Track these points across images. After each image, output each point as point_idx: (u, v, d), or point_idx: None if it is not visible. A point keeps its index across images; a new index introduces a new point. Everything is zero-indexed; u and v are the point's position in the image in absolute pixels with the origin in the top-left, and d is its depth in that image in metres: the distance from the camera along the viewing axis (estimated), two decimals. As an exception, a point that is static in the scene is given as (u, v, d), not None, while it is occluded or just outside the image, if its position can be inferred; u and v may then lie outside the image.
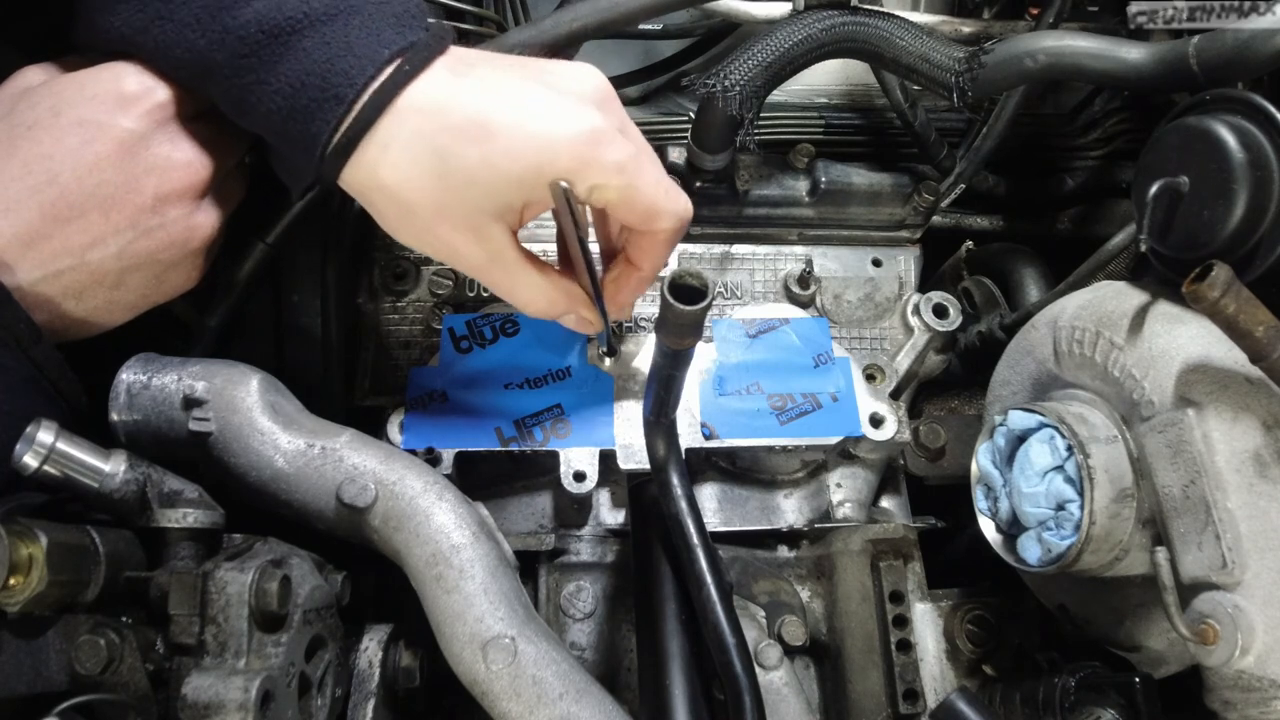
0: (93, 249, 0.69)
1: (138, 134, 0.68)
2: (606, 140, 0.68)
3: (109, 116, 0.67)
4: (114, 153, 0.67)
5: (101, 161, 0.66)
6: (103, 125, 0.67)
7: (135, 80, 0.68)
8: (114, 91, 0.67)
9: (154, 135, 0.69)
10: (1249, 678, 0.67)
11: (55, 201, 0.66)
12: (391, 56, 0.69)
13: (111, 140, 0.67)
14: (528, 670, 0.76)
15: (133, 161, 0.68)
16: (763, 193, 1.09)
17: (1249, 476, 0.71)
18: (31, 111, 0.66)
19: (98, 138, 0.66)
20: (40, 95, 0.67)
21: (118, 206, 0.68)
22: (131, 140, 0.68)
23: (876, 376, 1.05)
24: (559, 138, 0.67)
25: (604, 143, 0.68)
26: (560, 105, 0.68)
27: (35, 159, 0.65)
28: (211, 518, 0.75)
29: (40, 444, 0.63)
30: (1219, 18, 0.89)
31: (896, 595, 0.96)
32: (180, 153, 0.71)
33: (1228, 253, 0.75)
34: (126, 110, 0.67)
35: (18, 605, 0.60)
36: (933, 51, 0.93)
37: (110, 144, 0.67)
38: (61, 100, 0.66)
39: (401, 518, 0.82)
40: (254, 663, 0.70)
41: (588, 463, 0.94)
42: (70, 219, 0.67)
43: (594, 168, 0.68)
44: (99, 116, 0.66)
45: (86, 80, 0.68)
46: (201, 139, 0.73)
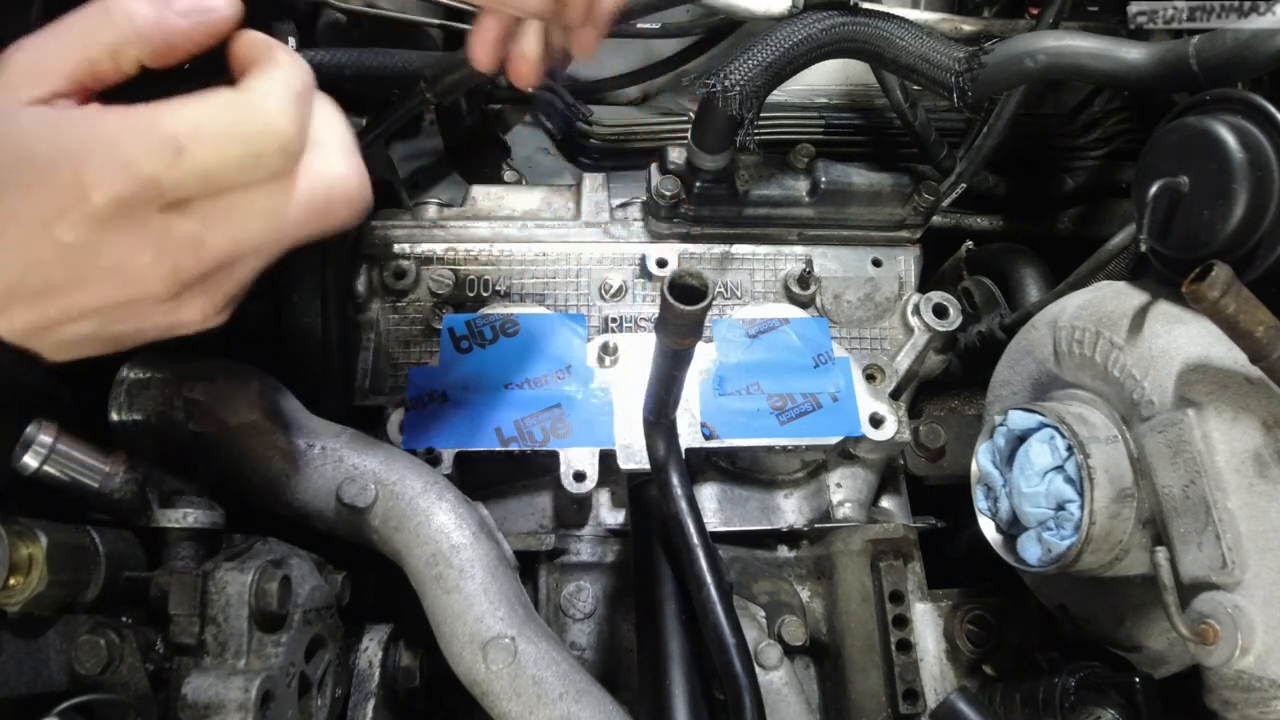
0: (58, 330, 0.60)
1: (76, 246, 0.56)
2: None
3: (47, 220, 0.55)
4: (56, 258, 0.56)
5: (45, 264, 0.56)
6: (43, 227, 0.55)
7: (65, 165, 0.54)
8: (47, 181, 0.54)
9: (102, 246, 0.56)
10: (1249, 678, 0.67)
11: (3, 289, 0.57)
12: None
13: (51, 247, 0.55)
14: (528, 670, 0.76)
15: (78, 268, 0.57)
16: (763, 193, 1.09)
17: (1249, 476, 0.71)
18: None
19: (36, 239, 0.55)
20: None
21: (72, 303, 0.59)
22: (72, 251, 0.56)
23: (876, 376, 1.05)
24: None
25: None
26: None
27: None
28: (211, 518, 0.75)
29: (40, 444, 0.63)
30: (1219, 18, 0.89)
31: (896, 595, 0.96)
32: (135, 260, 0.57)
33: (1228, 253, 0.75)
34: (64, 215, 0.55)
35: (18, 605, 0.60)
36: (933, 52, 0.93)
37: (51, 251, 0.56)
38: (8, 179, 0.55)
39: (401, 518, 0.82)
40: (254, 663, 0.70)
41: (588, 463, 0.94)
42: (23, 301, 0.58)
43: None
44: (36, 215, 0.55)
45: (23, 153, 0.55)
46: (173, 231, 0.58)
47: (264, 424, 0.84)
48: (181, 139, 0.53)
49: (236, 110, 0.55)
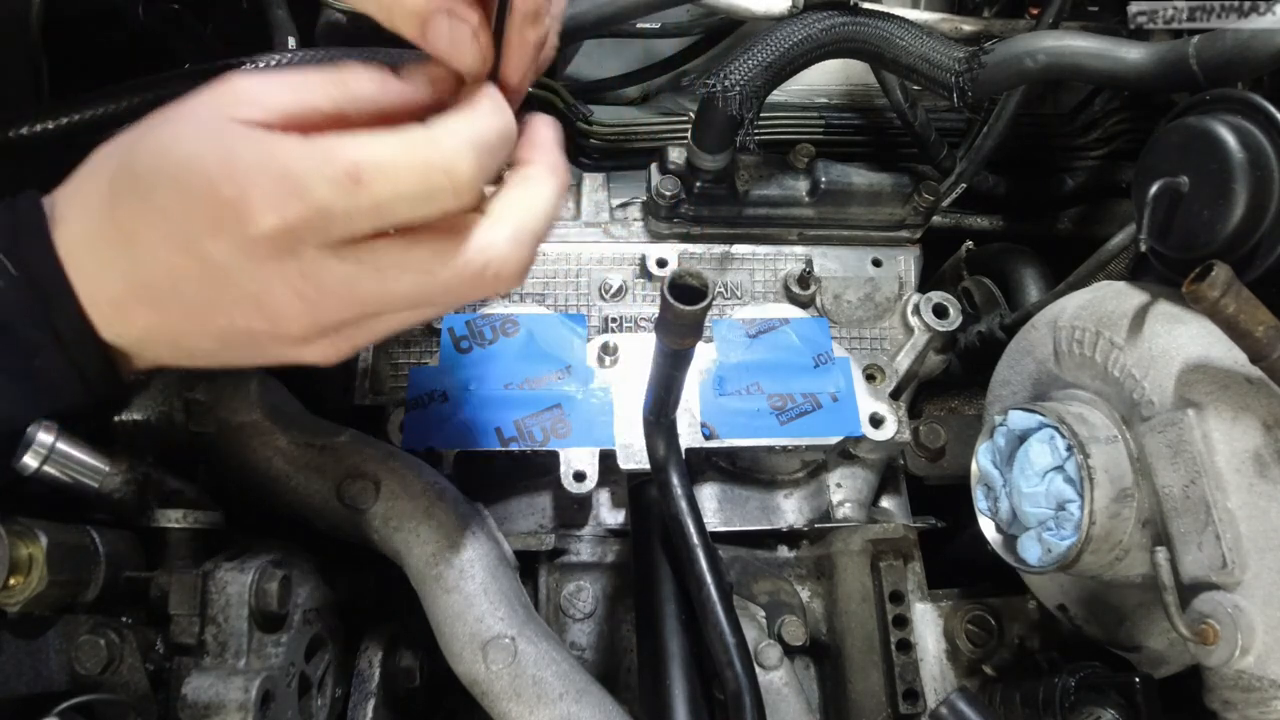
0: (175, 340, 0.60)
1: (222, 265, 0.55)
2: None
3: (198, 232, 0.54)
4: (196, 271, 0.55)
5: (183, 273, 0.56)
6: (190, 238, 0.54)
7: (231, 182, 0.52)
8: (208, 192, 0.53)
9: (247, 271, 0.55)
10: (1249, 678, 0.67)
11: (135, 286, 0.57)
12: None
13: (194, 259, 0.55)
14: (528, 670, 0.76)
15: (216, 287, 0.56)
16: (763, 193, 1.09)
17: (1249, 476, 0.71)
18: (143, 161, 0.55)
19: (181, 247, 0.55)
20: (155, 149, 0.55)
21: (199, 320, 0.58)
22: (216, 268, 0.55)
23: (876, 376, 1.05)
24: None
25: None
26: None
27: (122, 237, 0.56)
28: (211, 518, 0.75)
29: (40, 444, 0.63)
30: (1219, 18, 0.89)
31: (896, 595, 0.96)
32: (276, 292, 0.56)
33: (1228, 253, 0.75)
34: (219, 231, 0.53)
35: (18, 605, 0.60)
36: (933, 52, 0.94)
37: (193, 263, 0.55)
38: (163, 175, 0.54)
39: (401, 518, 0.82)
40: (254, 663, 0.70)
41: (588, 463, 0.94)
42: (151, 305, 0.58)
43: None
44: (188, 224, 0.54)
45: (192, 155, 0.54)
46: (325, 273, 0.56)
47: (264, 424, 0.84)
48: (361, 168, 0.52)
49: (416, 145, 0.53)
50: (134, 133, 0.57)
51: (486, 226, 0.57)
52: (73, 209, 0.58)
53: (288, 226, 0.52)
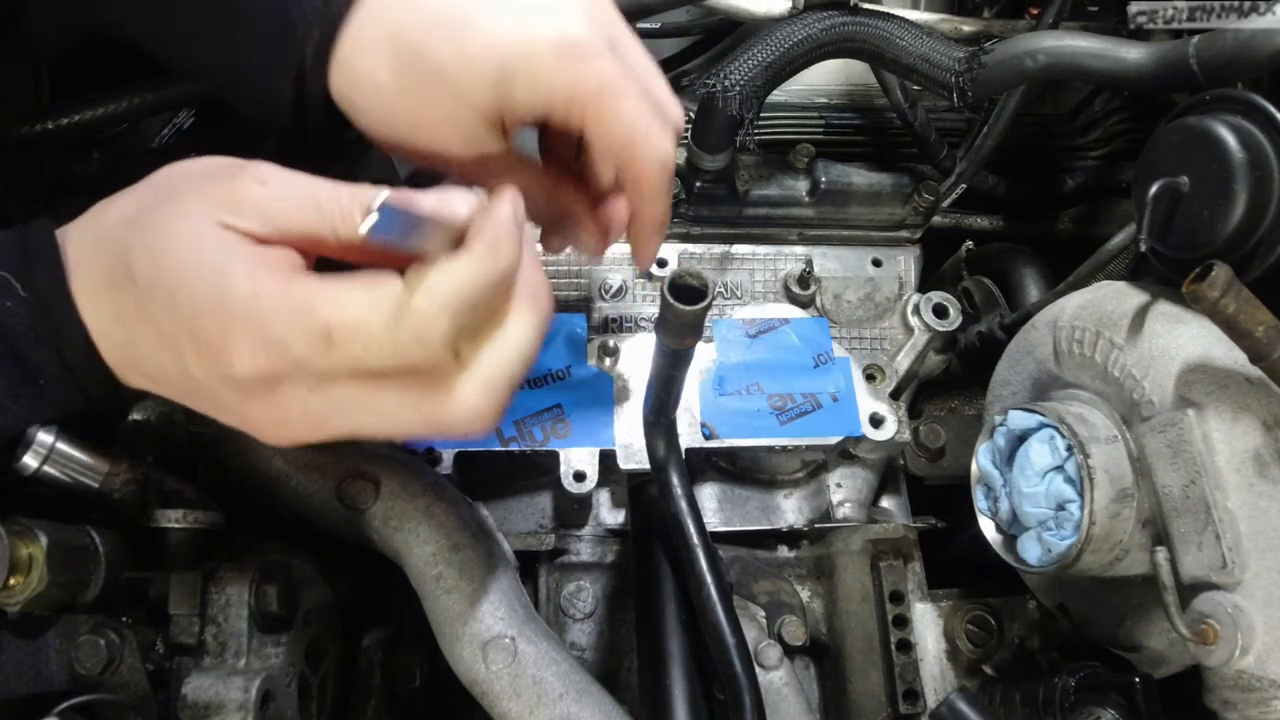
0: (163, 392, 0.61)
1: (202, 383, 0.57)
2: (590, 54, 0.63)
3: (182, 351, 0.56)
4: (180, 379, 0.57)
5: (169, 374, 0.58)
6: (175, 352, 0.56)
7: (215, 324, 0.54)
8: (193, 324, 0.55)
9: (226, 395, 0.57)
10: (1249, 678, 0.67)
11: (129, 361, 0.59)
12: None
13: (178, 371, 0.57)
14: (528, 670, 0.76)
15: (198, 394, 0.58)
16: (763, 193, 1.09)
17: (1249, 476, 0.71)
18: (141, 261, 0.56)
19: (167, 356, 0.57)
20: (153, 254, 0.56)
21: (187, 401, 0.60)
22: (196, 383, 0.57)
23: (876, 376, 1.05)
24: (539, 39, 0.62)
25: (587, 57, 0.63)
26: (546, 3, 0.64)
27: (117, 319, 0.58)
28: (211, 518, 0.75)
29: (40, 444, 0.63)
30: (1219, 18, 0.89)
31: (896, 595, 0.96)
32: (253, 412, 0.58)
33: (1228, 253, 0.75)
34: (201, 359, 0.56)
35: (18, 605, 0.60)
36: (933, 52, 0.93)
37: (177, 372, 0.57)
38: (156, 288, 0.55)
39: (401, 518, 0.82)
40: (254, 663, 0.70)
41: (588, 463, 0.94)
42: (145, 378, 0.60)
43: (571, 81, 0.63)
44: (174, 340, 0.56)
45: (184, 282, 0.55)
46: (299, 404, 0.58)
47: (264, 424, 0.84)
48: (333, 330, 0.53)
49: (391, 311, 0.53)
50: (135, 215, 0.58)
51: (460, 380, 0.58)
52: (83, 267, 0.59)
53: (263, 374, 0.54)
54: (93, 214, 0.60)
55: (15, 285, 0.57)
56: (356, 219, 0.55)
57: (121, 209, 0.59)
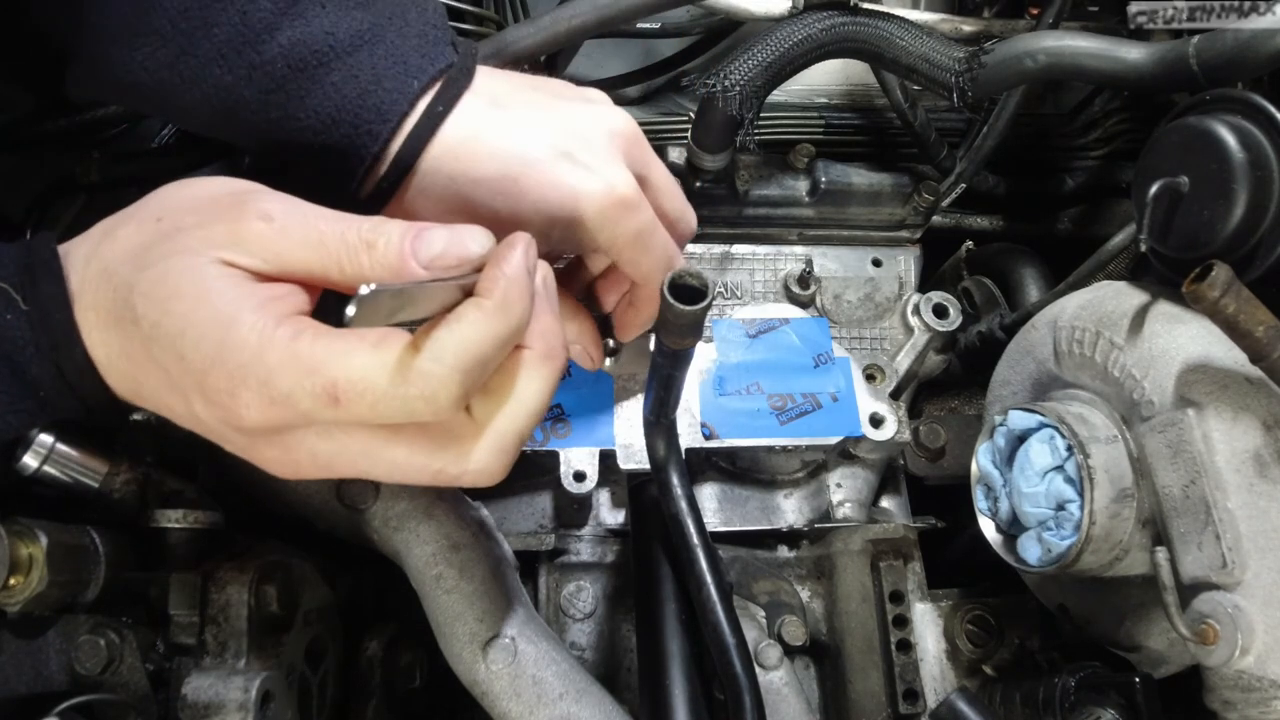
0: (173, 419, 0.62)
1: (210, 426, 0.58)
2: (629, 207, 0.68)
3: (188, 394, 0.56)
4: (187, 418, 0.58)
5: (176, 412, 0.59)
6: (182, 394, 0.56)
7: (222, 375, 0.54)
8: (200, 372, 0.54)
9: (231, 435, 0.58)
10: (1249, 678, 0.67)
11: (137, 394, 0.60)
12: (422, 89, 0.67)
13: (185, 411, 0.58)
14: (528, 670, 0.76)
15: (206, 432, 0.59)
16: (763, 193, 1.09)
17: (1249, 476, 0.71)
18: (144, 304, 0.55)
19: (174, 396, 0.57)
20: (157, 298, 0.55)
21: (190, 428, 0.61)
22: (204, 425, 0.58)
23: (876, 376, 1.05)
24: (585, 198, 0.66)
25: (627, 210, 0.68)
26: (592, 161, 0.67)
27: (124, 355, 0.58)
28: (211, 518, 0.75)
29: (40, 444, 0.63)
30: (1219, 18, 0.89)
31: (896, 595, 0.96)
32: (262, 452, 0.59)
33: (1228, 253, 0.75)
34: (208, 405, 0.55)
35: (18, 605, 0.60)
36: (933, 52, 0.93)
37: (184, 412, 0.58)
38: (160, 330, 0.55)
39: (401, 518, 0.82)
40: (254, 663, 0.70)
41: (588, 463, 0.94)
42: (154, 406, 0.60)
43: (611, 235, 0.68)
44: (180, 383, 0.56)
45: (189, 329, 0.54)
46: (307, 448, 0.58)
47: (264, 424, 0.84)
48: (339, 390, 0.52)
49: (401, 374, 0.53)
50: (137, 250, 0.57)
51: (466, 436, 0.58)
52: (86, 295, 0.58)
53: (268, 423, 0.54)
54: (95, 239, 0.60)
55: (16, 298, 0.57)
56: (363, 260, 0.55)
57: (124, 242, 0.58)
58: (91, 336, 0.58)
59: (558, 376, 0.62)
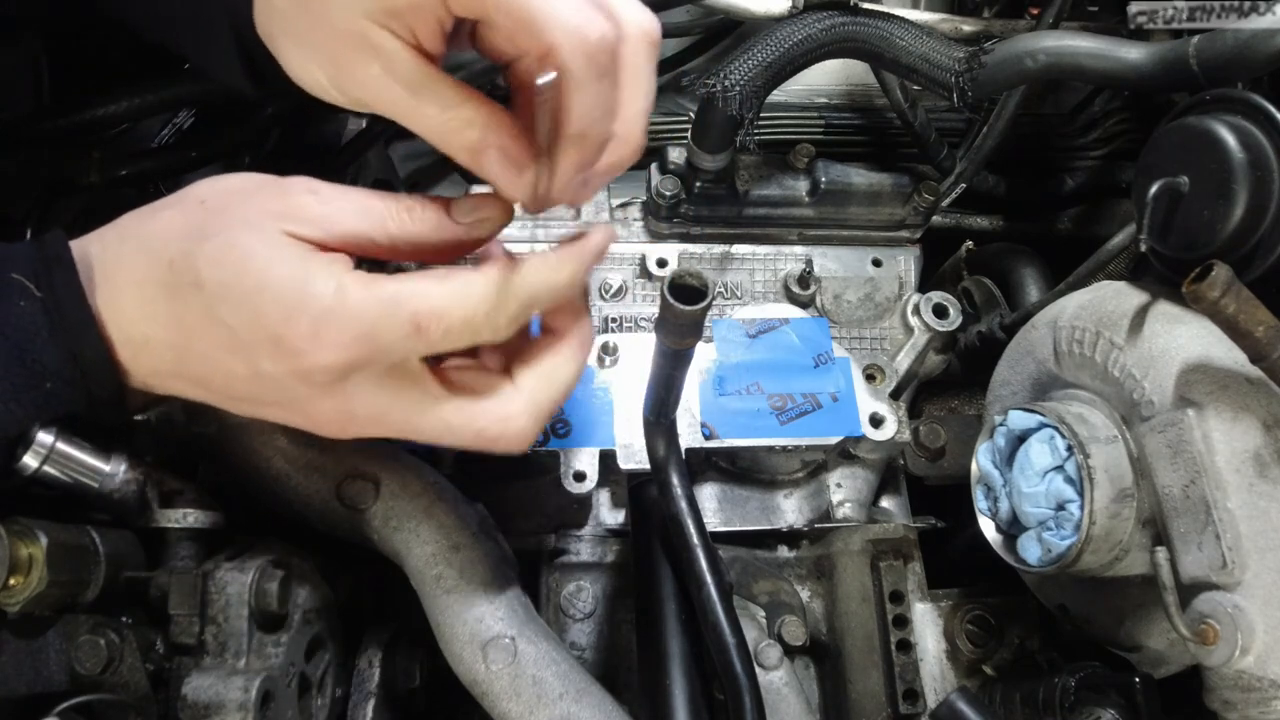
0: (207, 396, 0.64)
1: (274, 379, 0.59)
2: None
3: (257, 349, 0.58)
4: (247, 377, 0.60)
5: (233, 375, 0.60)
6: (248, 351, 0.58)
7: (302, 321, 0.56)
8: (277, 323, 0.57)
9: (296, 388, 0.60)
10: (1249, 678, 0.67)
11: (182, 367, 0.61)
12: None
13: (248, 368, 0.59)
14: (528, 670, 0.76)
15: (262, 390, 0.61)
16: (763, 193, 1.09)
17: (1249, 476, 0.71)
18: (210, 269, 0.58)
19: (237, 355, 0.59)
20: (227, 262, 0.58)
21: (237, 404, 0.63)
22: (267, 380, 0.60)
23: (876, 376, 1.05)
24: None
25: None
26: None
27: (179, 325, 0.59)
28: (211, 518, 0.75)
29: (40, 444, 0.63)
30: (1219, 18, 0.89)
31: (896, 595, 0.96)
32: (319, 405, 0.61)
33: (1228, 253, 0.75)
34: (279, 356, 0.58)
35: (18, 605, 0.60)
36: (933, 52, 0.94)
37: (245, 370, 0.59)
38: (233, 290, 0.57)
39: (401, 518, 0.82)
40: (254, 663, 0.70)
41: (588, 463, 0.94)
42: (194, 382, 0.63)
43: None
44: (248, 340, 0.58)
45: (266, 284, 0.57)
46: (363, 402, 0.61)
47: (264, 424, 0.84)
48: (422, 321, 0.58)
49: (474, 301, 0.59)
50: (190, 227, 0.60)
51: (509, 399, 0.64)
52: (123, 274, 0.61)
53: (349, 362, 0.58)
54: (125, 226, 0.63)
55: (30, 286, 0.59)
56: (406, 219, 0.60)
57: (171, 222, 0.61)
58: (126, 313, 0.60)
59: (582, 367, 0.68)
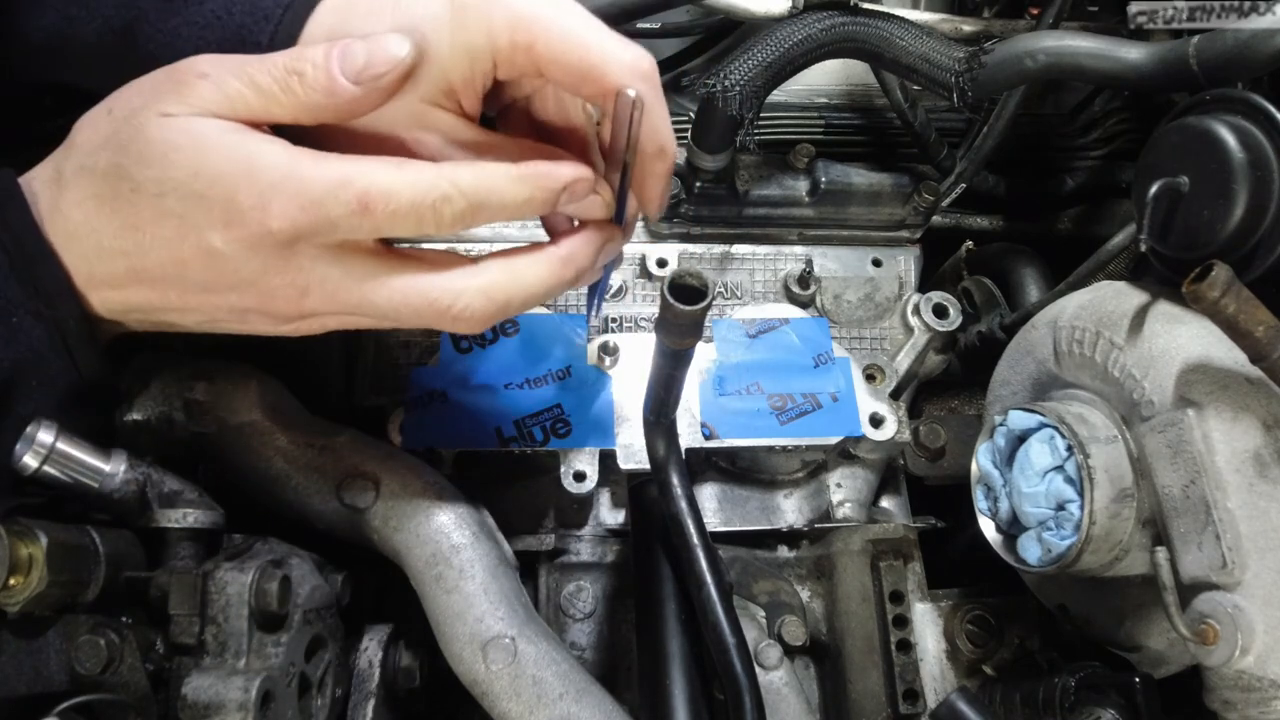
0: (166, 312, 0.66)
1: (226, 256, 0.60)
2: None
3: (207, 229, 0.59)
4: (200, 260, 0.61)
5: (187, 262, 0.61)
6: (198, 233, 0.59)
7: (250, 192, 0.58)
8: (224, 199, 0.58)
9: (249, 261, 0.61)
10: (1249, 678, 0.67)
11: (137, 269, 0.62)
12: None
13: (201, 251, 0.60)
14: (528, 670, 0.76)
15: (217, 273, 0.61)
16: (763, 193, 1.09)
17: (1249, 476, 0.71)
18: (141, 169, 0.59)
19: (188, 240, 0.60)
20: (153, 158, 0.59)
21: (195, 298, 0.64)
22: (220, 258, 0.60)
23: (876, 376, 1.05)
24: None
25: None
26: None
27: (127, 229, 0.61)
28: (211, 518, 0.75)
29: (40, 444, 0.63)
30: (1219, 18, 0.89)
31: (896, 595, 0.96)
32: (272, 280, 0.62)
33: (1228, 253, 0.75)
34: (229, 228, 0.59)
35: (18, 605, 0.60)
36: (933, 52, 0.94)
37: (199, 253, 0.60)
38: (170, 181, 0.59)
39: (401, 518, 0.82)
40: (254, 663, 0.70)
41: (588, 463, 0.94)
42: (150, 284, 0.63)
43: (503, 11, 0.60)
44: (198, 221, 0.59)
45: (203, 167, 0.58)
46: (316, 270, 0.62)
47: (264, 424, 0.84)
48: (370, 201, 0.58)
49: (424, 187, 0.59)
50: (104, 137, 0.61)
51: (464, 273, 0.64)
52: (67, 198, 0.62)
53: (295, 230, 0.58)
54: (55, 156, 0.64)
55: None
56: (295, 87, 0.59)
57: (89, 138, 0.62)
58: (77, 234, 0.61)
59: (562, 286, 0.67)
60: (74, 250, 0.62)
